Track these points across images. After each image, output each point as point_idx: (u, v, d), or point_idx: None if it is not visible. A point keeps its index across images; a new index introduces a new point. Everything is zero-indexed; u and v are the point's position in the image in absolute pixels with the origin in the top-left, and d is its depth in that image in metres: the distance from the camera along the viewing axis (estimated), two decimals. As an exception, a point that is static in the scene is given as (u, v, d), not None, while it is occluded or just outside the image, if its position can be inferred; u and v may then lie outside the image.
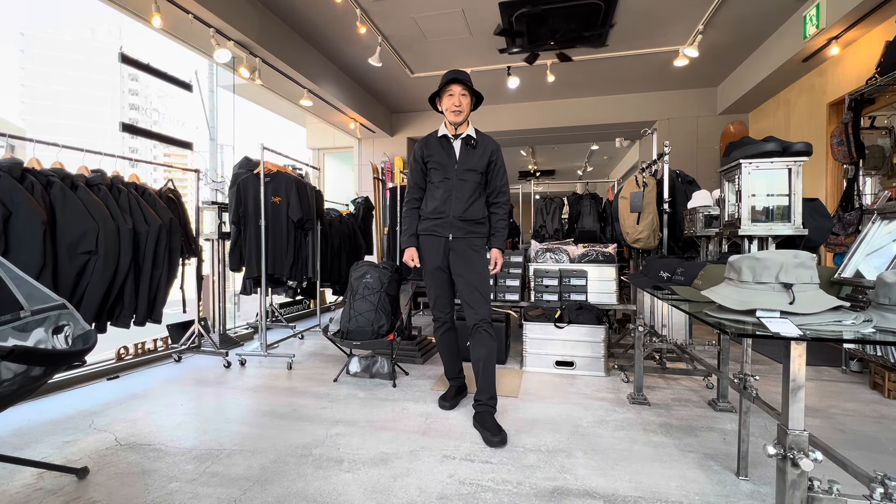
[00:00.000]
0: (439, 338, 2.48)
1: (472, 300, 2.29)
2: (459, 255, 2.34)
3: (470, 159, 2.35)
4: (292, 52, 4.37)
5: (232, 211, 3.62)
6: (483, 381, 2.21)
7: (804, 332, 1.00)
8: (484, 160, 2.37)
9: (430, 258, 2.39)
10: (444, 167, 2.35)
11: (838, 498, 1.01)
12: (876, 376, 2.73)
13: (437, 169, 2.37)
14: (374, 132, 6.76)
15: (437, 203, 2.36)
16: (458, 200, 2.33)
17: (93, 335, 1.69)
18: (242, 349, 3.76)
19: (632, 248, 3.90)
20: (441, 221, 2.34)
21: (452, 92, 2.30)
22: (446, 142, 2.39)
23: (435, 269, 2.38)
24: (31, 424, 2.20)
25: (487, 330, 2.24)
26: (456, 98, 2.29)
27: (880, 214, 1.56)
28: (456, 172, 2.34)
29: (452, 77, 2.30)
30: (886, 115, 3.67)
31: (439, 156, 2.37)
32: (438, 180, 2.36)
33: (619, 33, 4.40)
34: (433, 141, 2.41)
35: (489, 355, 2.22)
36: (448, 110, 2.32)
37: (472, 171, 2.35)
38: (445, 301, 2.43)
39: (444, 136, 2.39)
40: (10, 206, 2.18)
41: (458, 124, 2.34)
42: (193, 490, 1.62)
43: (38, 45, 55.05)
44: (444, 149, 2.37)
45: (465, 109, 2.32)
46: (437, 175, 2.37)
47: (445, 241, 2.35)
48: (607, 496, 1.59)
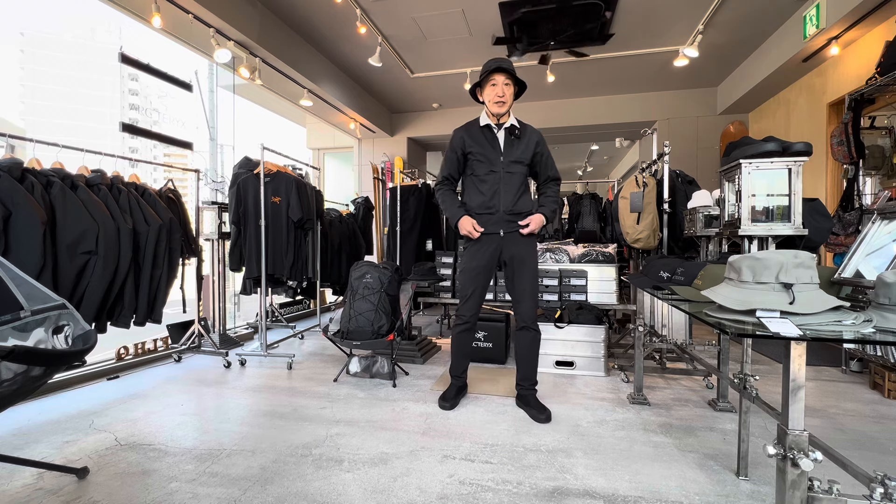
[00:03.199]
0: (457, 335, 2.41)
1: (524, 303, 2.31)
2: (514, 255, 2.27)
3: (515, 150, 2.24)
4: (292, 52, 4.38)
5: (232, 211, 3.62)
6: (526, 370, 2.37)
7: (804, 332, 1.00)
8: (529, 151, 2.26)
9: (477, 256, 2.28)
10: (490, 159, 2.23)
11: (838, 498, 1.01)
12: (876, 376, 2.73)
13: (481, 161, 2.24)
14: (374, 132, 6.76)
15: (484, 198, 2.24)
16: (506, 194, 2.22)
17: (93, 335, 1.69)
18: (242, 349, 3.76)
19: (632, 248, 3.90)
20: (491, 217, 2.23)
21: (496, 82, 2.18)
22: (489, 132, 2.26)
23: (480, 267, 2.28)
24: (31, 424, 2.20)
25: (534, 328, 2.36)
26: (499, 88, 2.17)
27: (880, 214, 1.57)
28: (503, 165, 2.22)
29: (496, 66, 2.17)
30: (886, 115, 3.67)
31: (483, 147, 2.24)
32: (484, 173, 2.24)
33: (620, 33, 4.40)
34: (475, 131, 2.28)
35: (533, 348, 2.37)
36: (490, 101, 2.21)
37: (519, 162, 2.24)
38: (478, 302, 2.35)
39: (486, 125, 2.26)
40: (10, 206, 2.18)
41: (500, 115, 2.22)
42: (193, 490, 1.62)
43: (38, 45, 55.01)
44: (488, 140, 2.25)
45: (509, 100, 2.20)
46: (481, 168, 2.25)
47: (498, 239, 2.25)
48: (607, 496, 1.59)
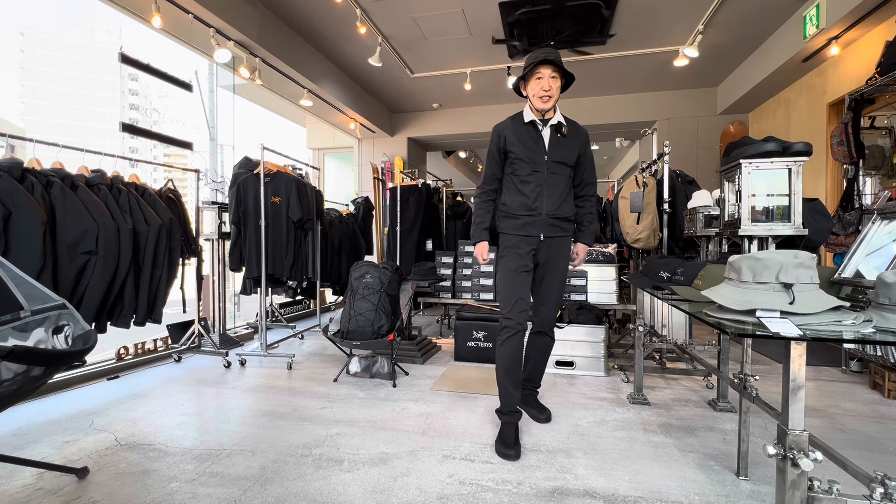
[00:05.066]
0: (506, 343, 2.06)
1: (547, 309, 2.22)
2: (549, 259, 2.16)
3: (561, 150, 2.09)
4: (292, 52, 4.37)
5: (232, 211, 3.62)
6: (534, 371, 2.34)
7: (804, 332, 1.00)
8: (575, 152, 2.12)
9: (516, 259, 2.11)
10: (533, 159, 2.07)
11: (838, 498, 1.01)
12: (876, 376, 2.73)
13: (523, 161, 2.09)
14: (374, 132, 6.76)
15: (526, 199, 2.09)
16: (550, 196, 2.07)
17: (93, 335, 1.69)
18: (242, 349, 3.76)
19: (632, 248, 3.89)
20: (533, 220, 2.09)
21: (541, 75, 2.01)
22: (533, 129, 2.09)
23: (521, 271, 2.11)
24: (31, 424, 2.20)
25: (550, 335, 2.29)
26: (545, 81, 2.00)
27: (880, 214, 1.57)
28: (547, 165, 2.07)
29: (543, 58, 1.99)
30: (886, 115, 3.67)
31: (526, 145, 2.09)
32: (526, 173, 2.08)
33: (620, 33, 4.40)
34: (518, 127, 2.11)
35: (545, 353, 2.33)
36: (535, 96, 2.04)
37: (563, 163, 2.09)
38: (525, 305, 2.10)
39: (531, 121, 2.09)
40: (11, 206, 2.18)
41: (546, 111, 2.06)
42: (193, 490, 1.62)
43: (38, 45, 54.99)
44: (532, 137, 2.09)
45: (555, 94, 2.03)
46: (523, 168, 2.09)
47: (537, 242, 2.12)
48: (607, 496, 1.59)
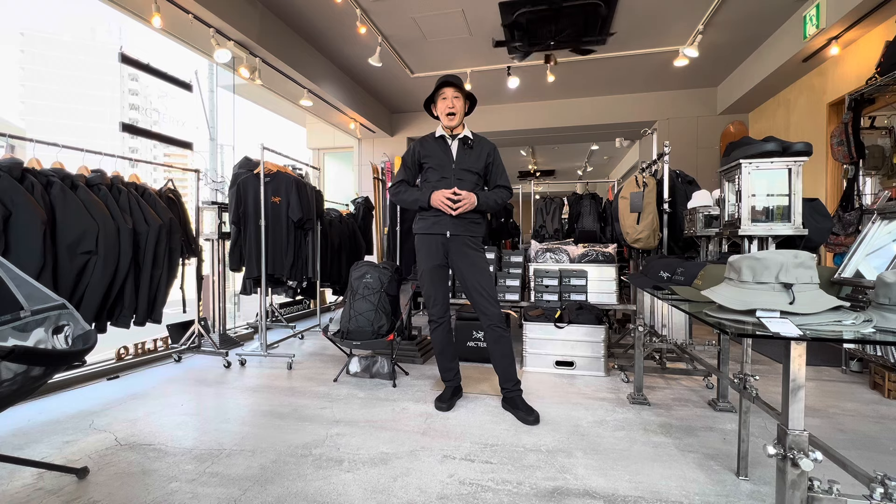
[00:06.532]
0: (434, 334, 2.46)
1: (481, 304, 2.33)
2: (459, 254, 2.36)
3: (467, 159, 2.37)
4: (292, 52, 4.37)
5: (232, 211, 3.62)
6: (505, 372, 2.35)
7: (804, 332, 1.00)
8: (481, 161, 2.40)
9: (428, 257, 2.40)
10: (442, 167, 2.38)
11: (838, 498, 1.01)
12: (876, 376, 2.73)
13: (434, 168, 2.39)
14: (374, 132, 6.76)
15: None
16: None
17: (93, 335, 1.69)
18: (242, 349, 3.76)
19: (632, 248, 3.89)
20: (439, 219, 2.35)
21: (445, 95, 2.35)
22: (443, 142, 2.42)
23: (434, 267, 2.39)
24: (31, 424, 2.20)
25: (500, 327, 2.33)
26: (449, 101, 2.34)
27: (880, 214, 1.57)
28: (454, 172, 2.36)
29: (444, 80, 2.34)
30: (886, 115, 3.66)
31: (436, 155, 2.39)
32: (436, 180, 2.38)
33: (620, 33, 4.40)
34: (430, 141, 2.44)
35: (506, 348, 2.34)
36: (442, 114, 2.37)
37: (470, 171, 2.37)
38: (441, 300, 2.44)
39: (441, 136, 2.42)
40: (10, 206, 2.18)
41: (453, 127, 2.38)
42: (193, 490, 1.62)
43: (38, 45, 55.00)
44: (441, 149, 2.40)
45: (459, 112, 2.36)
46: (434, 174, 2.39)
47: (443, 239, 2.36)
48: (607, 496, 1.59)
